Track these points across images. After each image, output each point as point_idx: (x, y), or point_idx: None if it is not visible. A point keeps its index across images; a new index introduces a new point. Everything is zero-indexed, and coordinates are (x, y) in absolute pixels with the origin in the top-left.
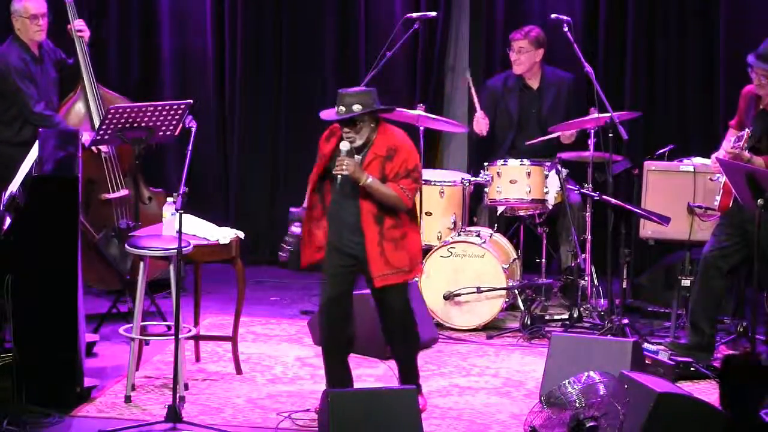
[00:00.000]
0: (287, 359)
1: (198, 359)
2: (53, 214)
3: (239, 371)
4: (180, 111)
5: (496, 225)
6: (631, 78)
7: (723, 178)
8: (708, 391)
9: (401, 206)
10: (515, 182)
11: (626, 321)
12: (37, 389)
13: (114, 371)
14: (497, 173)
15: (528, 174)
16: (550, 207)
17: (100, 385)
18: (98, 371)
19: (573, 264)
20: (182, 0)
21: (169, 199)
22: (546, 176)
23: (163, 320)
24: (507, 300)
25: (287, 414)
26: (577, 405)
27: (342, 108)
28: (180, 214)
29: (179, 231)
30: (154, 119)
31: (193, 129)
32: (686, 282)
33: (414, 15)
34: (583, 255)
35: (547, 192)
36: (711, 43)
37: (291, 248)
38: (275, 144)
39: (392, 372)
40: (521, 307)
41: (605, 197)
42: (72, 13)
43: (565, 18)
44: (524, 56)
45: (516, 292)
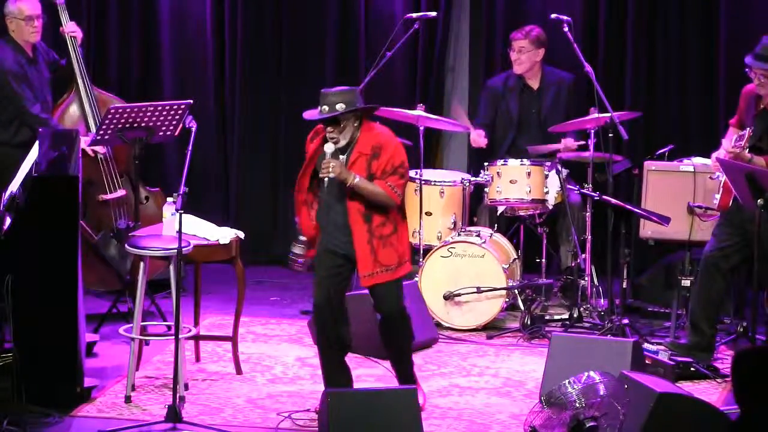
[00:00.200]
0: (287, 359)
1: (198, 359)
2: (53, 214)
3: (239, 371)
4: (180, 111)
5: (496, 225)
6: (631, 78)
7: (722, 177)
8: (708, 391)
9: (390, 203)
10: (515, 182)
11: (626, 321)
12: (37, 389)
13: (114, 371)
14: (497, 173)
15: (528, 174)
16: (550, 207)
17: (100, 385)
18: (98, 371)
19: (573, 264)
20: (182, 0)
21: (169, 199)
22: (546, 176)
23: (163, 320)
24: (507, 300)
25: (287, 414)
26: (577, 405)
27: (325, 107)
28: (180, 214)
29: (179, 231)
30: (154, 119)
31: (193, 129)
32: (686, 282)
33: (414, 15)
34: (583, 255)
35: (547, 192)
36: (711, 43)
37: (302, 255)
38: (275, 144)
39: (392, 372)
40: (521, 307)
41: (605, 197)
42: (64, 16)
43: (565, 18)
44: (525, 56)
45: (516, 292)
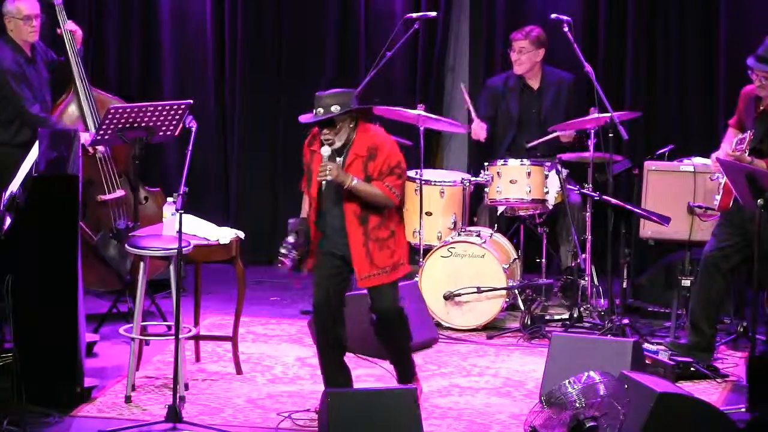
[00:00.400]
0: (287, 359)
1: (198, 359)
2: (53, 214)
3: (239, 371)
4: (180, 111)
5: (496, 225)
6: (631, 78)
7: (722, 178)
8: (708, 391)
9: (389, 204)
10: (515, 182)
11: (626, 321)
12: (37, 389)
13: (114, 371)
14: (497, 173)
15: (528, 174)
16: (551, 207)
17: (100, 385)
18: (98, 371)
19: (573, 264)
20: (182, 0)
21: (169, 199)
22: (546, 176)
23: (163, 320)
24: (507, 300)
25: (287, 414)
26: (577, 405)
27: (320, 110)
28: (180, 214)
29: (179, 231)
30: (154, 119)
31: (193, 129)
32: (686, 282)
33: (414, 15)
34: (583, 255)
35: (547, 192)
36: (711, 43)
37: (290, 256)
38: (275, 144)
39: (391, 373)
40: (521, 307)
41: (605, 197)
42: (62, 16)
43: (565, 18)
44: (525, 56)
45: (516, 292)
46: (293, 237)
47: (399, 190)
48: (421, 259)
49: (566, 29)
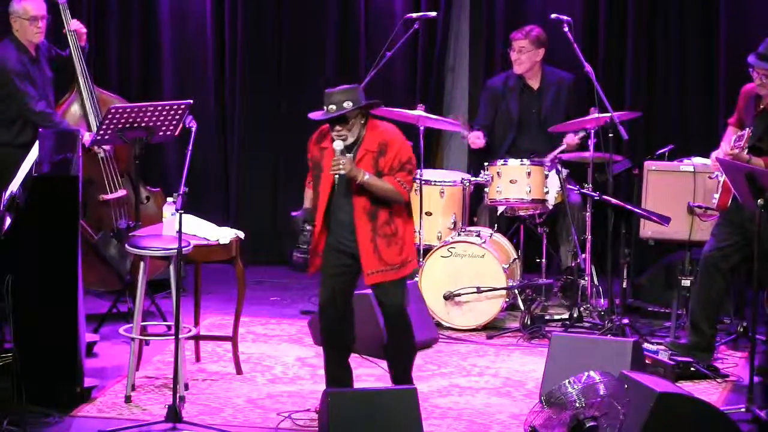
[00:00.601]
0: (287, 359)
1: (198, 359)
2: (53, 214)
3: (239, 371)
4: (180, 111)
5: (496, 225)
6: (631, 78)
7: (721, 177)
8: (708, 391)
9: (399, 199)
10: (515, 182)
11: (626, 321)
12: (37, 389)
13: (114, 371)
14: (497, 173)
15: (528, 174)
16: (550, 207)
17: (100, 385)
18: (98, 371)
19: (573, 264)
20: (182, 0)
21: (169, 199)
22: (546, 176)
23: (163, 320)
24: (507, 300)
25: (287, 414)
26: (577, 405)
27: (332, 106)
28: (180, 214)
29: (179, 231)
30: (154, 119)
31: (193, 129)
32: (686, 282)
33: (414, 15)
34: (583, 255)
35: (547, 192)
36: (711, 43)
37: (306, 249)
38: (275, 144)
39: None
40: (521, 307)
41: (605, 197)
42: (66, 16)
43: (565, 18)
44: (525, 56)
45: (516, 292)
46: (310, 225)
47: (409, 186)
48: (421, 259)
49: (566, 29)
